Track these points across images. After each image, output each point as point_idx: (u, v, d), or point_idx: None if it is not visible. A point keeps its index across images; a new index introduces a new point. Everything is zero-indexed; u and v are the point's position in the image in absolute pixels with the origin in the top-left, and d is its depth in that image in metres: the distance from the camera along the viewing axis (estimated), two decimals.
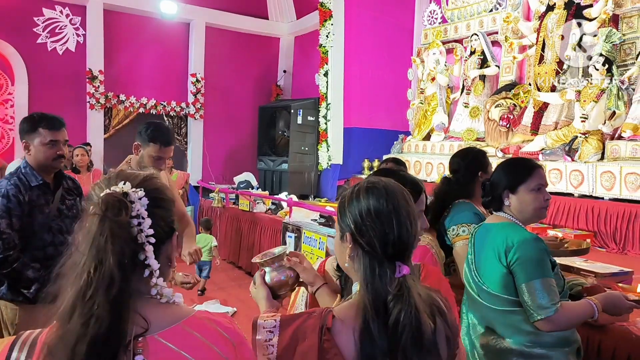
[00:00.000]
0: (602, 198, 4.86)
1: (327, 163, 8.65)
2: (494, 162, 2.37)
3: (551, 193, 5.22)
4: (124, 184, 0.89)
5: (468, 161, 2.38)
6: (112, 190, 0.87)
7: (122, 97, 8.91)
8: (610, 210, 4.69)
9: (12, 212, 2.18)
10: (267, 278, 1.34)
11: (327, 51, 8.49)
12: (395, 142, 8.26)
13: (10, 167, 4.60)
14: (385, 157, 7.94)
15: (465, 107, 7.13)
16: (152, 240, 0.86)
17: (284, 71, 10.60)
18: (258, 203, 6.39)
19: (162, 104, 9.29)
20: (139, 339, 0.83)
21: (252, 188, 7.92)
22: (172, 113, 9.44)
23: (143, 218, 0.86)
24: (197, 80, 9.52)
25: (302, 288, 1.50)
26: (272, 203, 6.38)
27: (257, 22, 10.17)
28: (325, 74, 8.53)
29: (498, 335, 1.75)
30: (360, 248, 1.03)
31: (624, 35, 5.32)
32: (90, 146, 7.76)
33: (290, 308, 1.71)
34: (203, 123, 9.66)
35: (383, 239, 1.01)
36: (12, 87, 8.12)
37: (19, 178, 2.27)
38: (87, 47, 8.53)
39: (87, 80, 8.48)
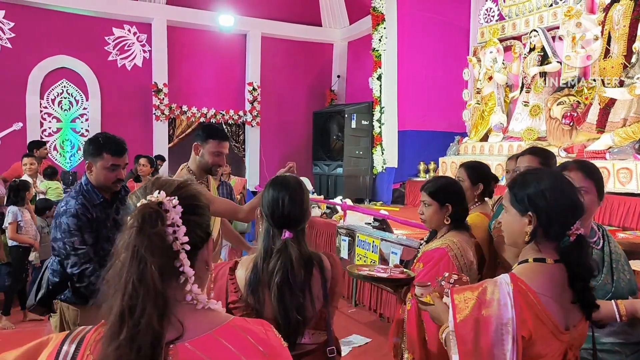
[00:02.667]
0: None
1: (382, 166, 8.63)
2: (558, 162, 2.29)
3: (620, 194, 4.99)
4: (159, 192, 0.90)
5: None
6: (147, 200, 0.89)
7: (185, 107, 9.35)
8: None
9: (83, 230, 2.36)
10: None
11: (380, 55, 8.49)
12: (451, 144, 8.10)
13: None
14: (441, 159, 7.84)
15: (525, 105, 6.88)
16: (187, 247, 0.88)
17: (338, 76, 10.70)
18: (313, 207, 6.49)
19: (221, 113, 9.66)
20: (171, 346, 0.84)
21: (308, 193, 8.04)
22: (230, 121, 9.79)
23: (178, 226, 0.88)
24: (254, 89, 9.82)
25: None
26: (327, 207, 6.46)
27: (310, 29, 10.35)
28: (379, 78, 8.52)
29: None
30: (264, 219, 1.60)
31: None
32: (164, 160, 8.25)
33: None
34: (260, 130, 9.94)
35: (272, 215, 1.58)
36: (87, 102, 8.76)
37: (83, 196, 2.40)
38: (153, 62, 9.05)
39: (153, 93, 8.99)
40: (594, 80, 5.84)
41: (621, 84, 5.47)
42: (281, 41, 10.09)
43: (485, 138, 7.47)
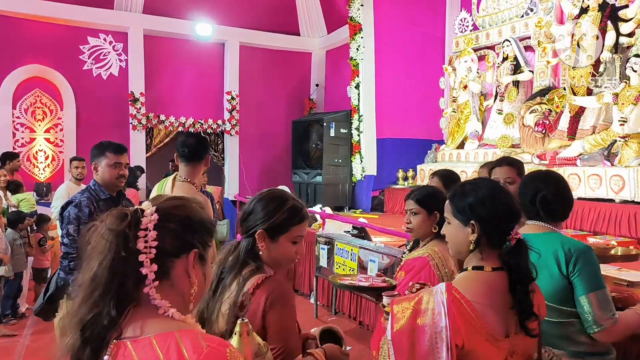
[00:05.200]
0: None
1: (361, 174, 8.69)
2: (530, 169, 2.38)
3: (591, 199, 5.11)
4: (149, 204, 0.99)
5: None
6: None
7: (162, 117, 9.28)
8: None
9: (81, 220, 2.52)
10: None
11: (358, 64, 8.58)
12: (429, 152, 8.21)
13: (60, 191, 4.87)
14: (419, 167, 7.93)
15: (499, 113, 7.03)
16: (152, 250, 0.93)
17: (317, 85, 10.76)
18: None
19: (199, 122, 9.61)
20: (115, 341, 0.90)
21: None
22: (209, 130, 9.74)
23: (149, 230, 0.93)
24: (232, 98, 9.80)
25: None
26: None
27: (289, 38, 10.40)
28: (357, 87, 8.61)
29: (553, 346, 1.68)
30: None
31: None
32: (143, 171, 8.19)
33: None
34: (239, 139, 9.92)
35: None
36: (61, 112, 8.61)
37: (90, 192, 2.65)
38: (129, 71, 8.96)
39: (130, 102, 8.89)
40: (564, 89, 6.01)
41: (590, 92, 5.65)
42: (259, 50, 10.11)
43: (461, 145, 7.60)
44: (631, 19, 5.26)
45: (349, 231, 5.01)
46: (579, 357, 1.66)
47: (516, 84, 6.87)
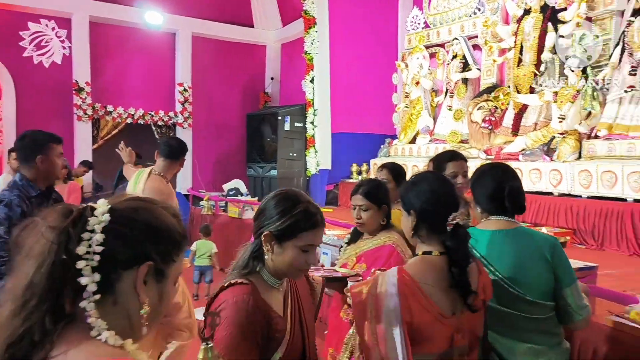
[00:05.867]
0: (580, 196, 4.99)
1: (316, 168, 8.74)
2: (477, 164, 2.42)
3: (531, 192, 5.37)
4: (105, 202, 0.84)
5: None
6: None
7: (110, 108, 8.94)
8: (588, 208, 4.81)
9: (12, 221, 2.34)
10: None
11: (313, 58, 8.60)
12: (382, 146, 8.37)
13: None
14: (372, 161, 8.07)
15: (449, 110, 7.26)
16: (96, 257, 0.78)
17: (272, 78, 10.70)
18: (247, 210, 6.45)
19: (149, 114, 9.34)
20: None
21: (242, 195, 7.98)
22: (160, 122, 9.48)
23: (95, 232, 0.79)
24: (185, 90, 9.58)
25: None
26: None
27: (242, 30, 10.26)
28: (312, 81, 8.63)
29: (534, 344, 1.67)
30: None
31: (597, 37, 5.47)
32: (89, 168, 7.87)
33: None
34: (192, 132, 9.72)
35: None
36: (0, 102, 8.13)
37: (19, 190, 2.46)
38: (74, 59, 8.56)
39: (74, 92, 8.51)
40: (509, 87, 6.28)
41: (532, 91, 5.93)
42: (212, 41, 9.92)
43: (413, 140, 7.79)
44: (569, 21, 5.56)
45: None
46: (554, 349, 1.71)
47: (465, 81, 7.10)
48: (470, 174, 2.30)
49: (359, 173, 8.39)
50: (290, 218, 1.32)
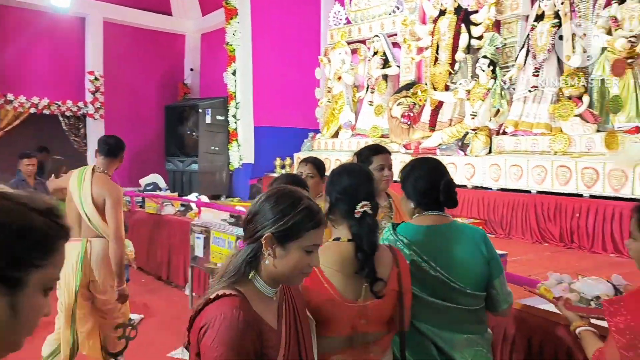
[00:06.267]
0: (491, 188, 5.33)
1: (239, 162, 8.59)
2: (398, 158, 2.43)
3: None
4: None
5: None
6: None
7: (11, 96, 8.17)
8: (497, 199, 5.16)
9: None
10: None
11: (234, 49, 8.42)
12: (305, 140, 8.40)
13: None
14: (296, 155, 8.08)
15: (370, 105, 7.43)
16: None
17: (191, 69, 10.34)
18: (166, 205, 6.19)
19: (56, 104, 8.65)
20: None
21: (160, 190, 7.65)
22: (67, 113, 8.82)
23: None
24: (96, 79, 8.98)
25: None
26: (181, 205, 6.21)
27: (160, 18, 9.80)
28: (234, 73, 8.45)
29: (470, 334, 1.70)
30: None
31: (505, 39, 5.85)
32: None
33: None
34: (104, 123, 9.14)
35: None
36: None
37: None
38: None
39: None
40: (426, 84, 6.55)
41: (447, 88, 6.23)
42: (127, 28, 9.38)
43: (336, 134, 7.89)
44: (480, 24, 5.90)
45: (226, 220, 4.92)
46: (484, 337, 1.75)
47: (385, 77, 7.31)
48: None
49: (283, 167, 8.36)
50: (294, 217, 1.20)
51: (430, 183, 1.72)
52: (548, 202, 4.77)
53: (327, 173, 1.82)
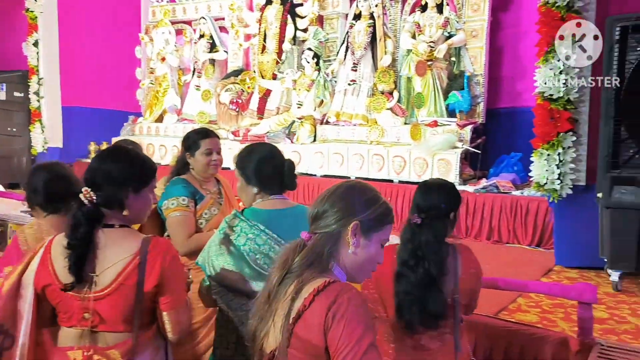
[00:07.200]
0: (316, 175, 5.64)
1: (43, 146, 7.52)
2: (226, 144, 2.31)
3: None
4: None
5: None
6: None
7: None
8: (322, 185, 5.48)
9: None
10: None
11: (37, 17, 7.28)
12: (125, 124, 7.76)
13: None
14: (114, 139, 7.38)
15: (197, 89, 7.19)
16: None
17: None
18: None
19: None
20: None
21: None
22: None
23: None
24: None
25: None
26: None
27: None
28: (35, 44, 7.31)
29: None
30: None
31: (327, 34, 6.21)
32: None
33: None
34: None
35: None
36: None
37: None
38: None
39: None
40: (254, 71, 6.60)
41: (275, 77, 6.37)
42: None
43: (160, 119, 7.45)
44: (305, 17, 6.15)
45: (29, 211, 4.27)
46: None
47: (213, 62, 7.14)
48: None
49: (98, 152, 7.59)
50: (379, 208, 1.17)
51: (274, 166, 1.68)
52: None
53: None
